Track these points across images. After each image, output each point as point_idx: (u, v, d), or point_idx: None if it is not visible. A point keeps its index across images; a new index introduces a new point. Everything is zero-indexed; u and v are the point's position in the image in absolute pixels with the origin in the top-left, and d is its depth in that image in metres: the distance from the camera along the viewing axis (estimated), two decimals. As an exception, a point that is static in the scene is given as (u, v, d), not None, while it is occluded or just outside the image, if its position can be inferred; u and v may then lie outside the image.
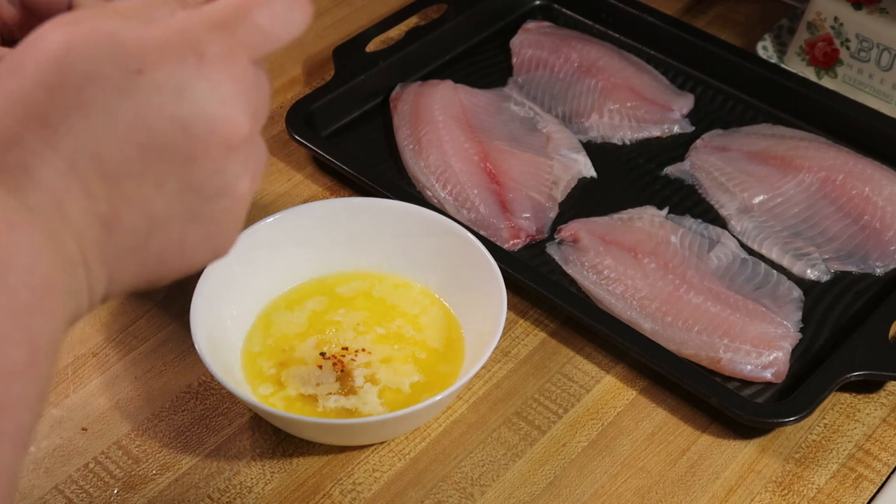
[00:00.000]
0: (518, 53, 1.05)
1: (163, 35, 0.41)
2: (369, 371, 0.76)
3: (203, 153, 0.42)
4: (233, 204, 0.44)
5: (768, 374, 0.78)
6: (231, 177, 0.43)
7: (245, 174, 0.44)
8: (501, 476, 0.73)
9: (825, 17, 1.01)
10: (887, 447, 0.75)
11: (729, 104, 1.01)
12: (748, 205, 0.90)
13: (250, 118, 0.43)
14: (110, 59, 0.40)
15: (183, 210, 0.43)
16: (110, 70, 0.40)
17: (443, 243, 0.80)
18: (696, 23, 1.10)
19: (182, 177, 0.42)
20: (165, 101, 0.41)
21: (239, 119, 0.42)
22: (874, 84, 1.00)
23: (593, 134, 0.98)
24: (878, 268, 0.86)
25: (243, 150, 0.43)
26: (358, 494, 0.72)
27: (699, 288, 0.82)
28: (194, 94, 0.41)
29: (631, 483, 0.73)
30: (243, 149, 0.43)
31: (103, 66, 0.40)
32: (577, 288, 0.84)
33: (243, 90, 0.42)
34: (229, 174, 0.43)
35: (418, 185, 0.92)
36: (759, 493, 0.72)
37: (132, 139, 0.40)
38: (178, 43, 0.41)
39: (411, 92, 0.99)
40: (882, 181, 0.90)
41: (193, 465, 0.73)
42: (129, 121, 0.40)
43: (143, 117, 0.40)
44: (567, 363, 0.80)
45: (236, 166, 0.43)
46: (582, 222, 0.88)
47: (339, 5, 1.13)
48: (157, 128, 0.41)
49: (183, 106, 0.41)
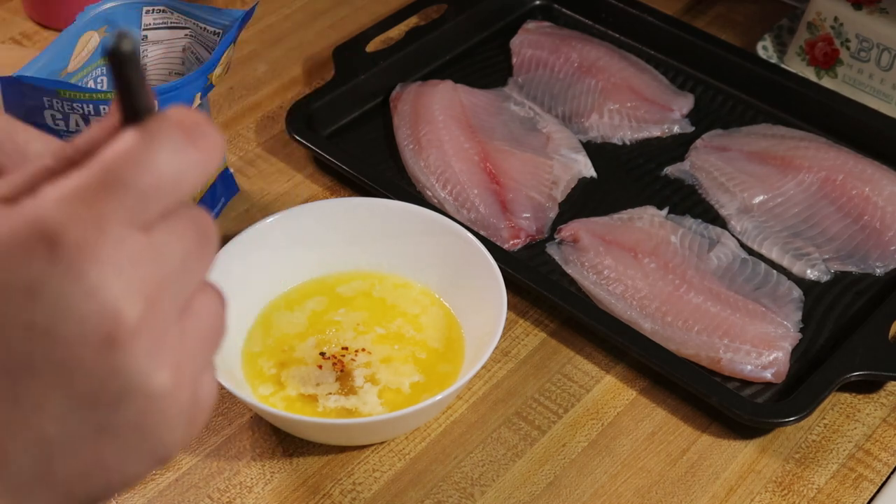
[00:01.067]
0: (518, 53, 1.05)
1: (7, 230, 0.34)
2: (369, 371, 0.76)
3: (79, 360, 0.34)
4: (152, 405, 0.36)
5: (768, 374, 0.78)
6: (134, 375, 0.35)
7: (157, 369, 0.35)
8: (501, 476, 0.73)
9: (825, 17, 1.01)
10: (887, 447, 0.75)
11: (729, 104, 1.01)
12: (748, 205, 0.90)
13: (137, 298, 0.34)
14: None
15: (82, 427, 0.36)
16: None
17: (443, 243, 0.80)
18: (696, 23, 1.10)
19: (65, 391, 0.35)
20: (16, 309, 0.34)
21: (116, 307, 0.34)
22: (874, 84, 1.00)
23: (593, 134, 0.98)
24: (878, 268, 0.86)
25: (140, 340, 0.35)
26: (358, 494, 0.72)
27: (699, 288, 0.82)
28: (49, 291, 0.33)
29: (631, 483, 0.73)
30: (139, 339, 0.35)
31: None
32: (577, 288, 0.84)
33: (119, 269, 0.34)
34: (130, 373, 0.35)
35: (418, 185, 0.92)
36: (759, 493, 0.72)
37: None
38: (24, 236, 0.34)
39: (411, 92, 0.99)
40: (882, 181, 0.90)
41: (193, 465, 0.73)
42: None
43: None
44: (567, 363, 0.80)
45: (136, 362, 0.35)
46: (582, 222, 0.88)
47: (339, 5, 1.13)
48: (13, 342, 0.34)
49: (38, 311, 0.34)
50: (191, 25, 0.85)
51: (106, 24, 0.83)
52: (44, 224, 0.34)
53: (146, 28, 0.85)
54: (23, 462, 0.36)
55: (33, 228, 0.34)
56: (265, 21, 1.11)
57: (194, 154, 0.36)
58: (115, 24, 0.83)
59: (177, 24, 0.85)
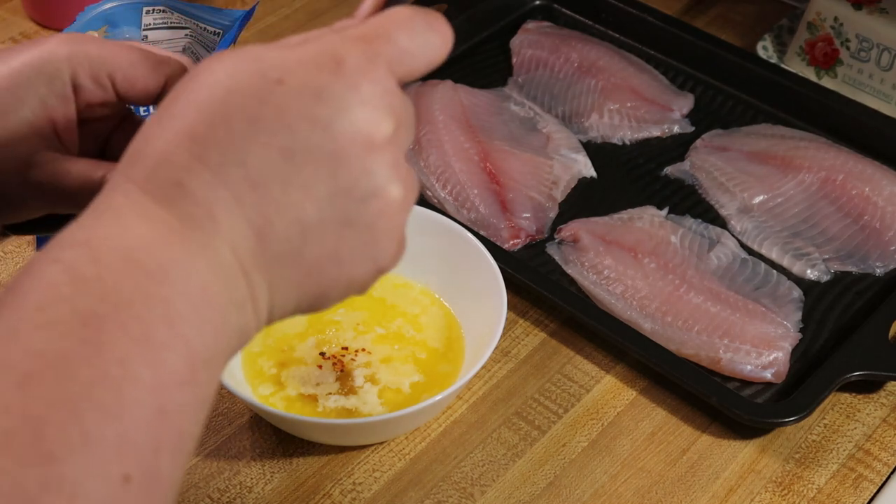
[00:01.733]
0: (518, 53, 1.05)
1: (303, 50, 0.42)
2: (369, 371, 0.76)
3: (346, 153, 0.42)
4: (386, 208, 0.44)
5: (768, 374, 0.78)
6: (380, 179, 0.43)
7: (395, 180, 0.43)
8: (501, 476, 0.73)
9: (825, 17, 1.01)
10: (887, 447, 0.75)
11: (729, 104, 1.01)
12: (748, 205, 0.90)
13: (391, 120, 0.43)
14: (250, 73, 0.41)
15: (334, 214, 0.42)
16: (251, 81, 0.41)
17: (443, 243, 0.80)
18: (696, 23, 1.10)
19: (329, 179, 0.42)
20: (305, 105, 0.41)
21: (378, 118, 0.42)
22: (874, 84, 1.00)
23: (593, 134, 0.98)
24: (878, 268, 0.86)
25: (388, 153, 0.43)
26: (358, 494, 0.72)
27: (699, 288, 0.82)
28: (333, 95, 0.41)
29: (631, 483, 0.73)
30: (387, 152, 0.43)
31: (244, 79, 0.41)
32: (577, 288, 0.84)
33: (381, 93, 0.43)
34: (377, 176, 0.43)
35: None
36: (759, 493, 0.72)
37: (275, 144, 0.41)
38: (317, 54, 0.42)
39: (411, 92, 0.98)
40: (882, 181, 0.90)
41: (193, 465, 0.73)
42: (271, 126, 0.41)
43: (285, 122, 0.41)
44: (567, 363, 0.80)
45: (383, 169, 0.43)
46: (582, 222, 0.88)
47: (339, 5, 1.13)
48: (298, 130, 0.41)
49: (322, 107, 0.41)
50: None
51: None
52: (335, 49, 0.43)
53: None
54: (285, 236, 0.42)
55: (328, 51, 0.43)
56: (265, 21, 1.11)
57: (435, 36, 0.47)
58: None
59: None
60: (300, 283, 0.43)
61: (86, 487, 0.35)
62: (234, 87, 0.41)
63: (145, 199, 0.40)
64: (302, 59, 0.42)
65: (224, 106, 0.41)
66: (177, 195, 0.40)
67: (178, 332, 0.39)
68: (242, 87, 0.41)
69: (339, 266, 0.44)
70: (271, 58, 0.42)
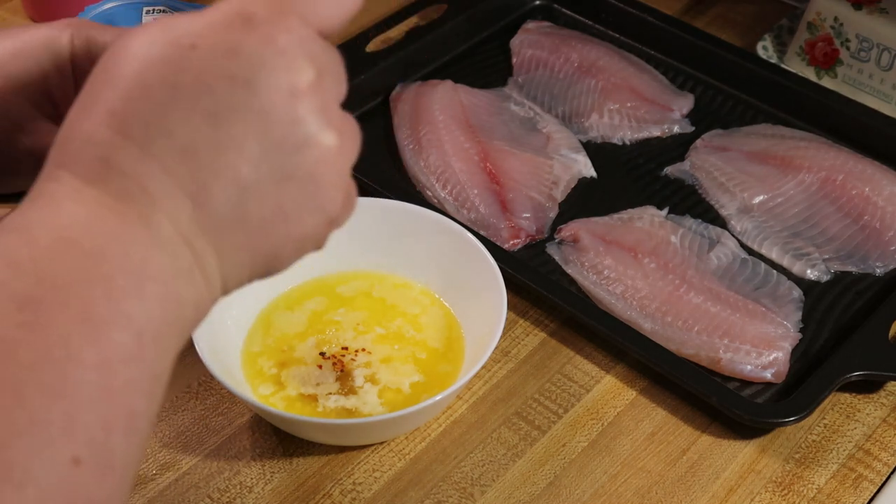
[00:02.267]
0: (518, 53, 1.05)
1: (212, 13, 0.42)
2: (369, 371, 0.76)
3: (271, 106, 0.41)
4: (323, 156, 0.43)
5: (768, 374, 0.78)
6: (311, 127, 0.43)
7: (327, 127, 0.43)
8: (501, 476, 0.73)
9: (825, 17, 1.01)
10: (887, 447, 0.75)
11: (729, 104, 1.01)
12: (748, 205, 0.90)
13: (311, 67, 0.43)
14: (163, 43, 0.41)
15: (270, 170, 0.42)
16: (164, 51, 0.41)
17: (443, 243, 0.80)
18: (696, 23, 1.10)
19: (259, 135, 0.41)
20: (221, 65, 0.41)
21: (298, 66, 0.42)
22: (874, 84, 1.00)
23: (593, 134, 0.98)
24: (878, 268, 0.86)
25: (314, 100, 0.43)
26: (358, 494, 0.72)
27: (699, 288, 0.82)
28: (248, 51, 0.41)
29: (631, 483, 0.73)
30: (313, 99, 0.43)
31: (157, 50, 0.41)
32: (577, 288, 0.84)
33: (298, 41, 0.42)
34: (307, 124, 0.43)
35: (418, 185, 0.92)
36: (759, 493, 0.72)
37: (198, 109, 0.41)
38: (225, 15, 0.42)
39: (411, 92, 0.99)
40: (882, 181, 0.90)
41: (193, 465, 0.73)
42: (191, 92, 0.41)
43: (204, 85, 0.41)
44: (567, 363, 0.80)
45: (312, 116, 0.43)
46: (582, 222, 0.88)
47: (339, 5, 1.13)
48: (219, 92, 0.41)
49: (239, 64, 0.41)
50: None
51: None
52: (242, 7, 0.42)
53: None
54: (222, 199, 0.41)
55: (235, 10, 0.42)
56: (265, 21, 1.10)
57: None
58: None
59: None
60: (249, 245, 0.43)
61: (35, 472, 0.34)
62: (149, 59, 0.41)
63: (76, 182, 0.40)
64: (211, 22, 0.42)
65: (141, 78, 0.41)
66: (106, 173, 0.40)
67: (121, 308, 0.38)
68: (157, 58, 0.41)
69: (286, 222, 0.43)
70: (182, 25, 0.42)
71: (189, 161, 0.41)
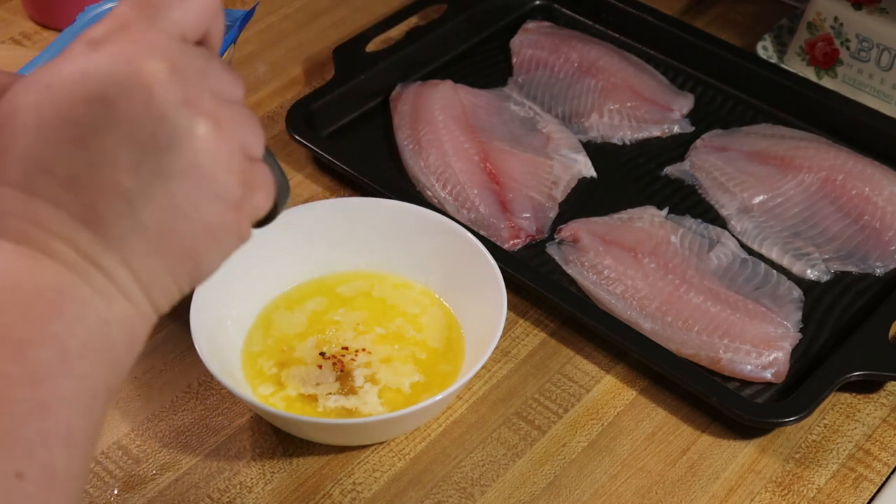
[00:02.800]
0: (518, 53, 1.05)
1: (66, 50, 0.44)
2: (369, 371, 0.76)
3: (130, 112, 0.42)
4: (201, 145, 0.43)
5: (768, 374, 0.78)
6: (177, 121, 0.43)
7: (195, 116, 0.43)
8: (501, 476, 0.73)
9: (825, 17, 1.01)
10: (887, 447, 0.75)
11: (729, 104, 1.01)
12: (748, 205, 0.90)
13: (163, 63, 0.43)
14: (23, 92, 0.43)
15: (150, 172, 0.42)
16: (25, 98, 0.43)
17: (443, 243, 0.80)
18: (696, 23, 1.10)
19: (127, 143, 0.42)
20: (74, 90, 0.42)
21: (148, 67, 0.42)
22: (874, 84, 1.00)
23: (593, 134, 0.98)
24: (878, 268, 0.86)
25: (173, 94, 0.43)
26: (358, 494, 0.72)
27: (699, 288, 0.82)
28: (95, 69, 0.42)
29: (631, 483, 0.73)
30: (173, 93, 0.43)
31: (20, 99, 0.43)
32: (577, 288, 0.84)
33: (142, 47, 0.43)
34: (172, 119, 0.43)
35: (418, 185, 0.92)
36: (759, 493, 0.72)
37: (64, 139, 0.42)
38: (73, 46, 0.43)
39: (411, 92, 0.99)
40: (882, 181, 0.90)
41: (193, 465, 0.73)
42: (53, 125, 0.42)
43: (63, 115, 0.42)
44: (567, 363, 0.80)
45: (175, 110, 0.43)
46: (582, 222, 0.88)
47: (339, 5, 1.13)
48: (78, 115, 0.42)
49: (90, 84, 0.42)
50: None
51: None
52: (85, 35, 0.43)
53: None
54: (113, 215, 0.42)
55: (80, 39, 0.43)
56: (265, 21, 1.11)
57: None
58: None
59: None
60: (157, 250, 0.44)
61: None
62: (17, 108, 0.43)
63: None
64: (64, 57, 0.43)
65: (10, 127, 0.42)
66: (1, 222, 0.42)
67: (41, 328, 0.40)
68: (20, 105, 0.43)
69: (185, 218, 0.44)
70: (46, 68, 0.43)
71: (72, 188, 0.42)
